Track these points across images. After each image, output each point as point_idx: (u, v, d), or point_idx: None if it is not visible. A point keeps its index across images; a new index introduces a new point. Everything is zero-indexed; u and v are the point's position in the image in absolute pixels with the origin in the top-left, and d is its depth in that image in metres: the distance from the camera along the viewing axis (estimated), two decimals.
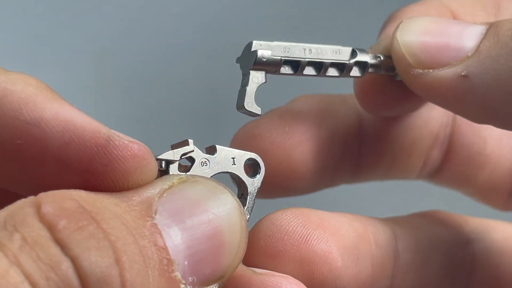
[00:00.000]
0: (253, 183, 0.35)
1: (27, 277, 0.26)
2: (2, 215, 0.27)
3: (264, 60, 0.34)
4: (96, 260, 0.26)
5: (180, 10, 0.80)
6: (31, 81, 0.30)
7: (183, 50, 0.80)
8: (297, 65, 0.36)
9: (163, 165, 0.32)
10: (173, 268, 0.28)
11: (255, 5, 0.80)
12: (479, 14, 0.41)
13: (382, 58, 0.38)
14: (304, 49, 0.36)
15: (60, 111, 0.29)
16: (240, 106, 0.35)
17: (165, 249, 0.28)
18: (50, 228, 0.27)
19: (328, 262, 0.35)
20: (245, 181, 0.34)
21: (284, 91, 0.45)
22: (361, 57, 0.38)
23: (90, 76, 0.77)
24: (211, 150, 0.34)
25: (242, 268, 0.33)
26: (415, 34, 0.37)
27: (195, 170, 0.33)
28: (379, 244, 0.38)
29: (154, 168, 0.31)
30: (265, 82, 0.35)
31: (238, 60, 0.35)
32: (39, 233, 0.26)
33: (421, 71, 0.36)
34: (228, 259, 0.30)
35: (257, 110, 0.34)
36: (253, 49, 0.35)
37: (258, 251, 0.35)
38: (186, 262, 0.29)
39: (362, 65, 0.38)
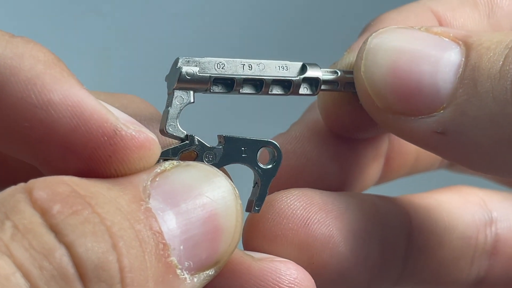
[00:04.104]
0: (267, 172, 0.33)
1: (19, 267, 0.25)
2: None
3: (189, 78, 0.31)
4: (92, 245, 0.26)
5: (180, 10, 0.78)
6: (39, 56, 0.28)
7: (183, 50, 0.79)
8: (231, 84, 0.32)
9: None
10: (169, 252, 0.28)
11: (256, 5, 0.78)
12: (470, 17, 0.38)
13: (339, 73, 0.35)
14: (243, 64, 0.32)
15: (69, 94, 0.28)
16: (161, 129, 0.31)
17: (160, 233, 0.28)
18: (43, 213, 0.26)
19: (329, 247, 0.34)
20: (257, 170, 0.33)
21: None
22: (311, 73, 0.34)
23: (90, 76, 0.76)
24: (220, 141, 0.32)
25: (241, 254, 0.32)
26: (382, 72, 0.33)
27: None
28: (390, 225, 0.37)
29: (157, 156, 0.30)
30: (193, 102, 0.31)
31: (166, 78, 0.32)
32: (31, 219, 0.26)
33: (390, 116, 0.33)
34: (224, 243, 0.30)
35: (180, 133, 0.31)
36: (178, 65, 0.31)
37: (257, 234, 0.34)
38: (181, 247, 0.28)
39: (313, 82, 0.34)
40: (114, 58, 0.80)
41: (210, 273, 0.29)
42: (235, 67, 0.32)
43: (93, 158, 0.28)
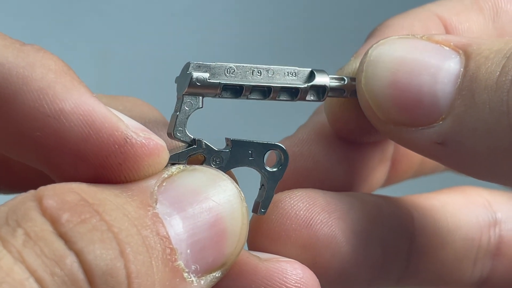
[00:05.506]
0: (274, 175, 0.33)
1: (32, 273, 0.25)
2: (4, 210, 0.27)
3: (199, 84, 0.31)
4: (101, 253, 0.26)
5: (180, 10, 0.78)
6: (50, 64, 0.29)
7: (183, 50, 0.79)
8: (240, 90, 0.32)
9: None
10: (176, 257, 0.28)
11: (256, 6, 0.78)
12: (475, 21, 0.38)
13: (346, 81, 0.35)
14: (252, 70, 0.32)
15: (80, 102, 0.28)
16: (169, 133, 0.32)
17: (167, 238, 0.28)
18: (53, 222, 0.26)
19: (331, 247, 0.35)
20: (264, 173, 0.33)
21: None
22: (319, 80, 0.34)
23: (90, 76, 0.76)
24: (227, 145, 0.33)
25: (247, 255, 0.32)
26: (382, 84, 0.33)
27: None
28: (392, 226, 0.37)
29: (166, 161, 0.30)
30: (201, 107, 0.32)
31: (176, 79, 0.32)
32: (42, 227, 0.26)
33: (391, 126, 0.33)
34: (230, 246, 0.30)
35: (188, 138, 0.32)
36: (189, 71, 0.31)
37: (262, 234, 0.34)
38: (188, 251, 0.29)
39: (320, 89, 0.34)
40: (114, 58, 0.80)
41: (216, 275, 0.30)
42: (244, 72, 0.32)
43: (103, 165, 0.29)
